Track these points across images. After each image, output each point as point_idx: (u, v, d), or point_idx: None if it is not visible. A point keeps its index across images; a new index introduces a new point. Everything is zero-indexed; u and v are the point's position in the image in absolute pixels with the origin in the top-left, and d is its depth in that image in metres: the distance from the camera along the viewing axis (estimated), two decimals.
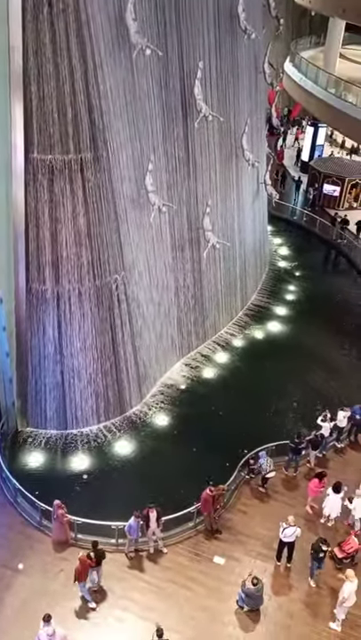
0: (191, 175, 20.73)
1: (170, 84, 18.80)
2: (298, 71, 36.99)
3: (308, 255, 31.34)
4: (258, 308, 26.24)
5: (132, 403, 20.01)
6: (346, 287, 28.62)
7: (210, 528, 15.55)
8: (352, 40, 43.66)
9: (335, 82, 32.81)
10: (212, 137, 21.27)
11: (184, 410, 20.30)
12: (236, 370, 22.46)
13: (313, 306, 26.57)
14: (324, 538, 14.20)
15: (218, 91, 21.05)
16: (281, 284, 28.30)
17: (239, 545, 15.25)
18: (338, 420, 18.29)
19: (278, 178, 35.67)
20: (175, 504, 15.58)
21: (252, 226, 25.76)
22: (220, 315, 24.20)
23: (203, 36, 19.58)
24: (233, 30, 21.02)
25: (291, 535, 14.24)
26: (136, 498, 15.49)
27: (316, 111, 35.39)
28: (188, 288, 21.86)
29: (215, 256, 22.65)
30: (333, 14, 34.85)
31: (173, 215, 20.29)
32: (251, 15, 21.35)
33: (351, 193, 34.64)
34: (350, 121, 30.03)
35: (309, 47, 43.72)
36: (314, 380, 21.77)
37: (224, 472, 16.80)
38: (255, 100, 24.34)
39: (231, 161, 22.84)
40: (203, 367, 22.38)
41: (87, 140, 16.40)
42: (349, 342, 24.20)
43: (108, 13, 15.84)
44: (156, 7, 17.56)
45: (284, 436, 17.91)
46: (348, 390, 21.17)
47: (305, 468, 17.78)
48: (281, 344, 24.05)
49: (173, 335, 21.80)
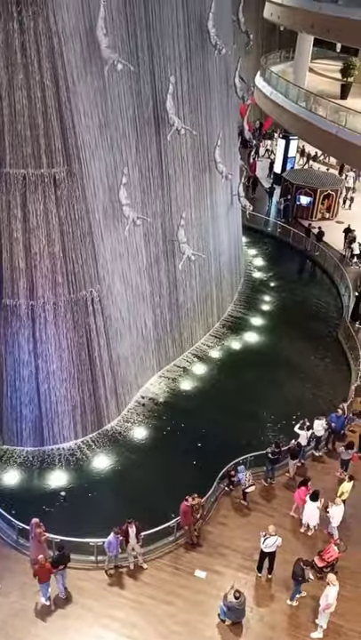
0: (165, 188, 20.83)
1: (142, 99, 18.91)
2: (268, 85, 37.59)
3: (282, 265, 31.65)
4: (234, 319, 26.36)
5: (110, 417, 19.86)
6: (321, 297, 28.93)
7: (190, 541, 15.43)
8: (320, 54, 44.52)
9: (305, 95, 33.43)
10: (186, 150, 21.42)
11: (162, 422, 20.21)
12: (214, 381, 22.49)
13: (289, 315, 26.80)
14: (307, 560, 14.01)
15: (190, 104, 21.24)
16: (257, 294, 28.50)
17: (220, 557, 15.16)
18: (315, 429, 18.39)
19: (249, 184, 36.09)
20: (155, 518, 15.45)
21: (226, 237, 25.94)
22: (197, 326, 24.25)
23: (174, 51, 19.77)
24: (204, 45, 21.28)
25: (272, 545, 14.21)
26: (115, 513, 15.35)
27: (288, 124, 35.94)
28: (163, 300, 21.87)
29: (191, 268, 22.73)
30: (302, 30, 35.58)
31: (148, 227, 20.33)
32: (221, 31, 21.64)
33: (323, 204, 35.12)
34: (320, 133, 30.57)
35: (279, 62, 44.46)
36: (291, 389, 21.91)
37: (204, 484, 16.72)
38: (227, 114, 24.62)
39: (205, 173, 23.01)
40: (180, 379, 22.35)
41: (60, 155, 16.37)
42: (325, 351, 24.42)
43: (78, 29, 15.90)
44: (127, 23, 17.70)
45: (263, 446, 17.92)
46: (325, 398, 21.38)
47: (283, 478, 17.79)
48: (258, 354, 24.17)
49: (150, 347, 21.75)
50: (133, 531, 14.44)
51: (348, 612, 13.88)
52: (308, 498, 15.57)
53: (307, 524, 15.81)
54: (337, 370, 23.38)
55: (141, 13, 18.07)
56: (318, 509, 15.53)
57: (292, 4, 34.64)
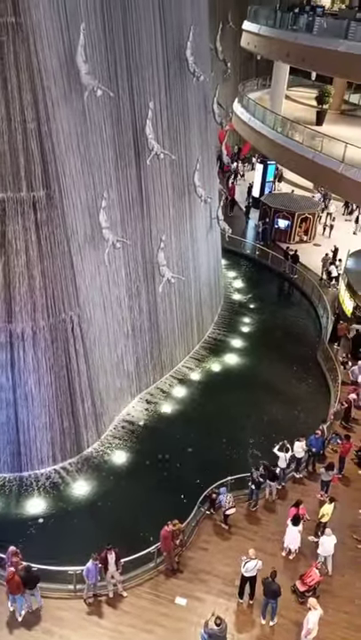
0: (145, 211, 20.99)
1: (121, 124, 19.14)
2: (246, 111, 38.34)
3: (261, 288, 31.94)
4: (214, 341, 26.43)
5: (90, 441, 19.64)
6: (299, 318, 29.21)
7: (171, 567, 15.21)
8: (296, 82, 45.67)
9: (282, 121, 34.17)
10: (165, 174, 21.66)
11: (143, 446, 20.05)
12: (195, 403, 22.43)
13: (268, 337, 26.97)
14: (275, 571, 13.98)
15: (169, 130, 21.54)
16: (236, 316, 28.66)
17: (201, 584, 14.95)
18: (295, 451, 18.39)
19: (227, 203, 36.79)
20: (135, 544, 15.25)
21: (206, 260, 26.13)
22: (177, 349, 24.25)
23: (153, 78, 20.11)
24: (182, 72, 21.69)
25: (252, 569, 14.08)
26: (94, 540, 15.12)
27: (265, 149, 36.61)
28: (143, 323, 21.87)
29: (170, 290, 22.82)
30: (278, 59, 36.49)
31: (128, 250, 20.42)
32: (199, 59, 22.10)
33: (301, 227, 35.66)
34: (297, 158, 31.19)
35: (256, 89, 45.47)
36: (272, 411, 21.94)
37: (185, 508, 16.56)
38: (205, 139, 25.01)
39: (184, 197, 23.26)
40: (161, 402, 22.25)
41: (39, 179, 16.44)
42: (304, 372, 24.56)
43: (58, 55, 16.12)
44: (107, 50, 17.99)
45: (244, 469, 17.88)
46: (305, 419, 21.43)
47: (264, 501, 17.69)
48: (238, 376, 24.22)
49: (130, 371, 21.66)
50: (113, 557, 14.21)
51: (329, 636, 13.74)
52: (290, 522, 15.50)
53: (288, 549, 15.70)
54: (316, 391, 23.50)
55: (121, 41, 18.40)
56: (300, 533, 15.45)
57: (269, 33, 35.51)
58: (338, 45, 28.05)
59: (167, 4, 20.13)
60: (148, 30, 19.38)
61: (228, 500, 16.42)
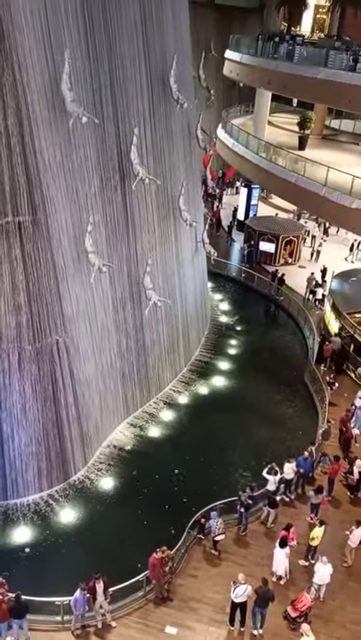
0: (131, 235, 21.10)
1: (107, 149, 19.33)
2: (230, 137, 39.02)
3: (248, 310, 32.09)
4: (202, 364, 26.40)
5: (77, 467, 19.38)
6: (286, 340, 29.34)
7: (160, 595, 14.94)
8: (278, 109, 46.62)
9: (265, 147, 34.79)
10: (150, 198, 21.84)
11: (130, 471, 19.83)
12: (182, 427, 22.29)
13: (255, 359, 27.01)
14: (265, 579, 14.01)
15: (153, 155, 21.80)
16: (223, 338, 28.71)
17: (191, 612, 14.68)
18: (285, 473, 18.30)
19: (213, 223, 37.42)
20: (124, 572, 14.97)
21: (192, 283, 26.25)
22: (165, 372, 24.17)
23: (137, 105, 20.41)
24: (166, 100, 22.03)
25: (242, 594, 13.87)
26: (82, 569, 14.77)
27: (249, 173, 37.19)
28: (130, 346, 21.81)
29: (157, 314, 22.83)
30: (260, 86, 37.30)
31: (114, 274, 20.45)
32: (182, 86, 22.48)
33: (286, 249, 36.04)
34: (280, 182, 31.70)
35: (240, 115, 46.36)
36: (260, 433, 21.84)
37: (174, 534, 16.34)
38: (190, 164, 25.33)
39: (169, 221, 23.44)
40: (148, 426, 22.09)
41: (25, 204, 16.49)
42: (292, 394, 24.57)
43: (43, 81, 16.31)
44: (92, 78, 18.25)
45: (234, 493, 17.70)
46: (294, 441, 21.35)
47: (254, 525, 17.50)
48: (226, 398, 24.16)
49: (117, 395, 21.53)
50: (101, 586, 13.95)
51: None
52: (277, 544, 15.32)
53: (277, 573, 15.47)
54: (304, 412, 23.48)
55: (105, 70, 18.69)
56: (287, 556, 15.25)
57: (250, 62, 36.35)
58: (318, 73, 28.81)
59: (150, 33, 20.55)
60: (132, 58, 19.73)
61: (218, 526, 16.22)
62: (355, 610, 15.04)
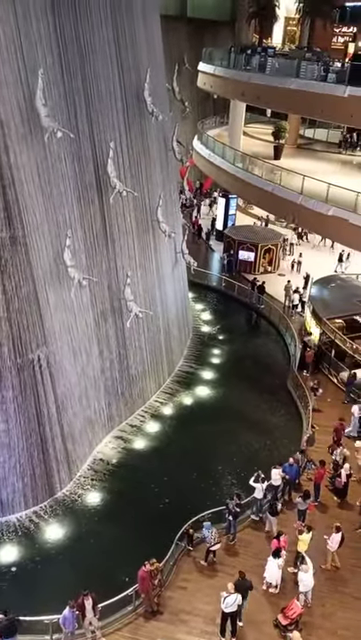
0: (110, 248, 21.14)
1: (83, 163, 19.40)
2: (206, 148, 39.39)
3: (229, 319, 32.22)
4: (185, 374, 26.42)
5: (62, 483, 19.21)
6: (268, 347, 29.51)
7: (150, 609, 14.81)
8: (253, 119, 47.25)
9: (242, 157, 35.18)
10: (128, 211, 21.93)
11: (117, 485, 19.70)
12: (168, 438, 22.24)
13: (238, 368, 27.12)
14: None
15: (130, 168, 21.92)
16: (206, 348, 28.78)
17: (181, 624, 14.57)
18: (272, 479, 18.33)
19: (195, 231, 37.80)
20: (113, 587, 14.83)
21: (173, 294, 26.33)
22: (148, 383, 24.14)
23: (113, 119, 20.54)
24: (141, 112, 22.20)
25: (232, 604, 13.81)
26: (70, 586, 14.61)
27: (226, 184, 37.54)
28: (113, 359, 21.76)
29: (139, 325, 22.84)
30: (234, 97, 37.78)
31: (95, 288, 20.44)
32: (157, 99, 22.68)
33: (265, 258, 36.35)
34: (257, 191, 32.05)
35: (215, 126, 46.84)
36: (245, 442, 21.90)
37: (162, 546, 16.22)
38: (167, 175, 25.51)
39: (148, 233, 23.53)
40: (134, 438, 22.00)
41: (3, 221, 16.45)
42: (275, 401, 24.67)
43: (17, 98, 16.35)
44: (65, 93, 18.34)
45: (221, 502, 17.65)
46: (280, 448, 21.43)
47: (242, 534, 17.46)
48: (210, 408, 24.19)
49: (101, 408, 21.43)
50: (90, 603, 13.79)
51: None
52: (271, 554, 15.26)
53: (269, 583, 15.44)
54: (288, 419, 23.60)
55: (79, 84, 18.81)
56: (279, 567, 15.22)
57: (224, 74, 36.83)
58: (290, 83, 29.27)
59: (124, 48, 20.75)
60: (105, 73, 19.88)
61: (213, 536, 16.14)
62: (345, 615, 15.05)
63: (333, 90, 26.85)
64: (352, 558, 16.54)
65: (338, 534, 16.01)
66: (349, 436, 21.34)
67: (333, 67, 30.62)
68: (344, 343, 25.44)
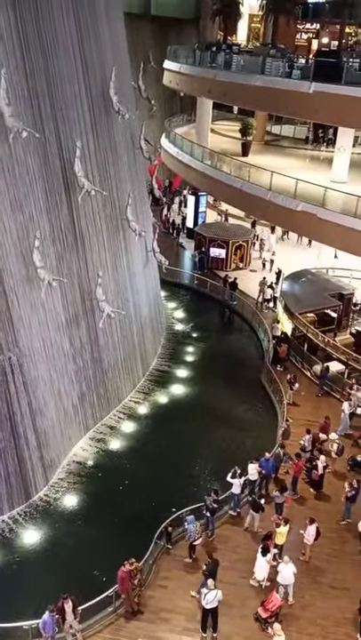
0: (80, 248, 20.96)
1: (50, 163, 19.18)
2: (174, 146, 39.38)
3: (202, 316, 32.29)
4: (160, 373, 26.39)
5: (38, 487, 19.01)
6: (241, 343, 29.67)
7: (131, 609, 14.76)
8: (220, 116, 47.40)
9: (210, 154, 35.27)
10: (98, 210, 21.78)
11: (94, 486, 19.58)
12: (144, 437, 22.19)
13: (212, 364, 27.19)
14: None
15: (98, 167, 21.77)
16: (180, 346, 28.78)
17: (163, 623, 14.57)
18: (249, 474, 18.44)
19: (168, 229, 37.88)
20: (92, 589, 14.74)
21: (145, 293, 26.26)
22: (123, 383, 24.04)
23: (79, 118, 20.36)
24: (107, 111, 22.06)
25: (213, 600, 13.86)
26: (49, 590, 14.51)
27: (195, 181, 37.61)
28: (86, 360, 21.60)
29: (112, 325, 22.72)
30: (200, 95, 37.85)
31: (65, 288, 20.25)
32: (123, 97, 22.57)
33: (236, 254, 36.51)
34: (226, 188, 32.19)
35: (182, 124, 46.86)
36: (222, 438, 21.97)
37: (141, 545, 16.19)
38: (135, 174, 25.41)
39: (118, 232, 23.41)
40: (110, 439, 21.88)
41: None
42: (250, 396, 24.81)
43: None
44: (30, 93, 18.10)
45: (199, 499, 17.67)
46: (255, 443, 21.54)
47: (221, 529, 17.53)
48: (186, 406, 24.21)
49: (76, 409, 21.25)
50: (70, 606, 13.69)
51: None
52: (260, 552, 15.28)
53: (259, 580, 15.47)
54: (264, 414, 23.77)
55: (43, 84, 18.58)
56: (268, 563, 15.29)
57: (189, 71, 36.87)
58: (255, 80, 29.47)
59: (88, 47, 20.58)
60: (70, 72, 19.69)
61: (197, 530, 16.13)
62: (324, 605, 15.25)
63: (298, 86, 27.15)
64: (328, 548, 16.77)
65: (312, 526, 16.20)
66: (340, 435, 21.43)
67: (298, 63, 30.98)
68: (316, 337, 25.76)
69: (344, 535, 17.47)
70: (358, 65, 28.20)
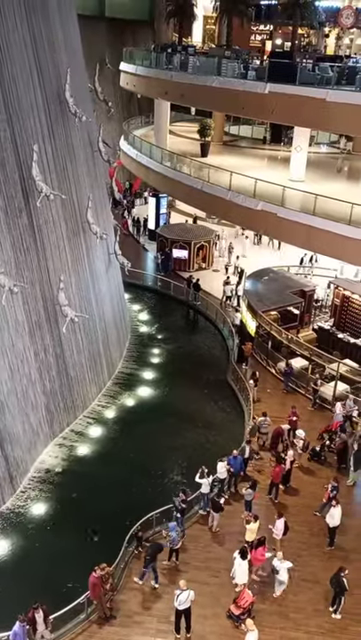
0: (40, 253, 20.72)
1: (6, 169, 18.89)
2: (133, 148, 39.34)
3: (167, 317, 32.34)
4: (126, 376, 26.30)
5: (4, 497, 18.68)
6: (207, 343, 29.84)
7: (103, 615, 14.67)
8: (178, 118, 47.57)
9: (169, 156, 35.37)
10: (57, 214, 21.57)
11: (63, 493, 19.36)
12: (112, 441, 22.08)
13: (178, 365, 27.26)
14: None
15: (56, 171, 21.57)
16: (145, 348, 28.76)
17: (136, 626, 14.52)
18: (218, 472, 18.55)
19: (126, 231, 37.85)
20: (64, 598, 14.58)
21: (108, 295, 26.14)
22: (89, 388, 23.87)
23: (35, 122, 20.12)
24: (64, 114, 21.88)
25: (185, 600, 13.89)
26: (20, 601, 14.22)
27: (155, 183, 37.65)
28: (50, 366, 21.37)
29: (75, 330, 22.53)
30: (157, 96, 37.91)
31: (27, 294, 19.97)
32: (79, 100, 22.44)
33: (199, 255, 36.69)
34: (186, 189, 32.33)
35: (141, 126, 46.83)
36: (190, 438, 22.03)
37: (112, 551, 16.10)
38: (95, 177, 25.28)
39: (79, 235, 23.25)
40: (77, 445, 21.69)
41: None
42: (217, 395, 24.97)
43: None
44: None
45: (170, 501, 17.65)
46: (223, 442, 21.67)
47: (191, 530, 17.58)
48: (153, 408, 24.19)
49: (41, 417, 21.00)
50: (41, 616, 13.51)
51: None
52: (238, 555, 15.22)
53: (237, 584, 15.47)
54: (231, 412, 23.96)
55: None
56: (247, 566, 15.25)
57: (146, 73, 36.90)
58: (212, 81, 29.69)
59: (41, 50, 20.37)
60: (24, 76, 19.44)
61: (179, 536, 16.10)
62: (296, 599, 15.46)
63: (254, 87, 27.51)
64: (298, 542, 16.99)
65: (280, 520, 16.40)
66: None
67: (253, 64, 31.35)
68: (280, 334, 26.09)
69: (313, 528, 17.74)
70: (312, 65, 28.72)
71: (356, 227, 24.13)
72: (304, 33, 61.72)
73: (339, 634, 14.53)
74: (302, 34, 60.98)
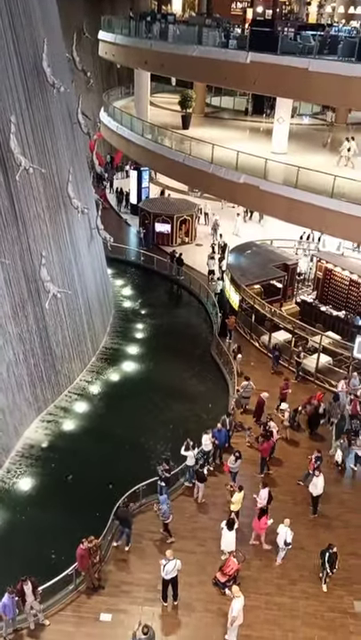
0: (21, 228, 20.40)
1: None
2: (113, 120, 38.63)
3: (150, 292, 32.25)
4: (110, 351, 26.30)
5: None
6: (190, 317, 29.88)
7: (92, 585, 14.91)
8: (159, 89, 46.67)
9: (150, 128, 34.80)
10: (37, 188, 21.19)
11: (49, 469, 19.46)
12: (98, 416, 22.17)
13: (163, 340, 27.29)
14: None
15: (35, 143, 21.12)
16: (129, 323, 28.71)
17: (124, 595, 14.81)
18: (203, 445, 18.77)
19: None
20: (52, 569, 14.77)
21: (91, 271, 25.93)
22: (73, 363, 23.83)
23: (11, 93, 19.59)
24: (41, 85, 21.35)
25: (172, 570, 14.17)
26: (8, 574, 14.38)
27: (136, 156, 37.13)
28: (34, 343, 21.24)
29: (58, 306, 22.36)
30: (137, 66, 37.10)
31: (8, 271, 19.73)
32: (57, 70, 21.88)
33: (182, 229, 36.46)
34: (168, 162, 31.93)
35: (121, 97, 45.92)
36: (175, 412, 22.19)
37: (99, 524, 16.29)
38: (75, 150, 24.82)
39: (60, 210, 22.90)
40: (62, 420, 21.74)
41: None
42: (201, 369, 25.10)
43: None
44: None
45: (155, 473, 17.86)
46: (208, 414, 21.90)
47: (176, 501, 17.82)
48: (137, 382, 24.27)
49: (25, 393, 20.96)
50: (29, 587, 13.69)
51: (254, 621, 14.18)
52: (225, 526, 15.53)
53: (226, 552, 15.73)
54: (215, 386, 24.11)
55: None
56: (234, 537, 15.55)
57: (125, 42, 36.05)
58: (192, 50, 29.11)
59: (17, 17, 19.72)
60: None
61: (170, 508, 16.27)
62: (281, 564, 15.84)
63: (235, 56, 27.03)
64: (283, 511, 17.31)
65: (265, 490, 16.70)
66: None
67: (234, 33, 30.76)
68: (263, 307, 26.19)
69: (296, 498, 18.10)
70: (293, 34, 28.26)
71: (337, 199, 24.08)
72: (286, 1, 60.67)
73: (324, 598, 14.96)
74: (284, 2, 59.95)
